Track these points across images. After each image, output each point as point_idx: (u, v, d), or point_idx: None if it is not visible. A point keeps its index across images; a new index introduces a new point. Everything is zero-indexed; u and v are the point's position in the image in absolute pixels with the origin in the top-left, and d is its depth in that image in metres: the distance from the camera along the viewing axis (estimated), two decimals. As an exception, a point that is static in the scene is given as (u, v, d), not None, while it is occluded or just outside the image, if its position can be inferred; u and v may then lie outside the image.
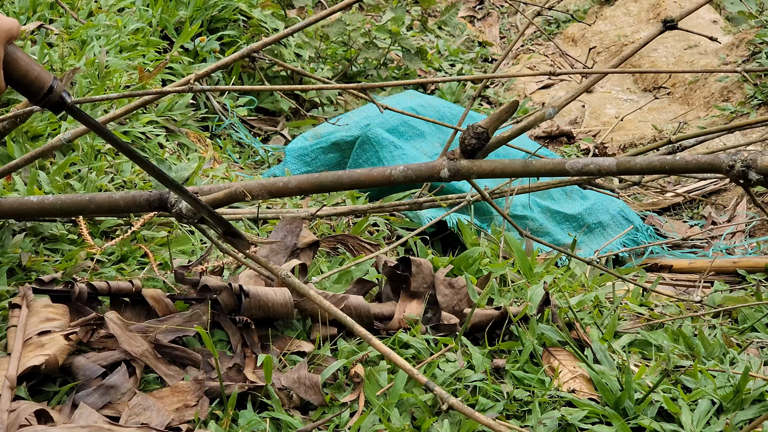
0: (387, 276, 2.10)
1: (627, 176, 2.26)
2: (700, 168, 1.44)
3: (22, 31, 3.30)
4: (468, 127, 1.56)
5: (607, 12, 6.62)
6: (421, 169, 1.61)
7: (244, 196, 1.61)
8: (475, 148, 1.56)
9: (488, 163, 1.58)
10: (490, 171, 1.57)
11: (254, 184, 1.69)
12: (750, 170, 1.38)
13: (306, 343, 1.87)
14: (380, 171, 1.63)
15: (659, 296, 2.74)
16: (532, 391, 1.79)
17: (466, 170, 1.58)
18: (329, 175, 1.65)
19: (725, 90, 5.07)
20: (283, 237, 2.13)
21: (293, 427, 1.61)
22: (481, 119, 1.64)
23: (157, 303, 1.86)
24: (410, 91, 4.38)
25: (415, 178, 1.62)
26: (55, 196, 1.79)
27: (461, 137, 1.57)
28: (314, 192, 1.73)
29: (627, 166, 1.49)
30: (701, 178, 4.45)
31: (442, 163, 1.59)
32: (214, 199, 1.63)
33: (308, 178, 1.66)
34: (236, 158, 3.72)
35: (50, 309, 1.76)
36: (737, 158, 1.40)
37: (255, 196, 1.72)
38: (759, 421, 1.37)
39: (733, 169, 1.40)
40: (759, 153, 1.40)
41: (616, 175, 1.52)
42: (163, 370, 1.69)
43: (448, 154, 1.59)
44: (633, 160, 1.50)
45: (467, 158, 1.58)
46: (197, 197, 1.63)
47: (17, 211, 1.81)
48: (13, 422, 1.42)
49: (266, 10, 4.52)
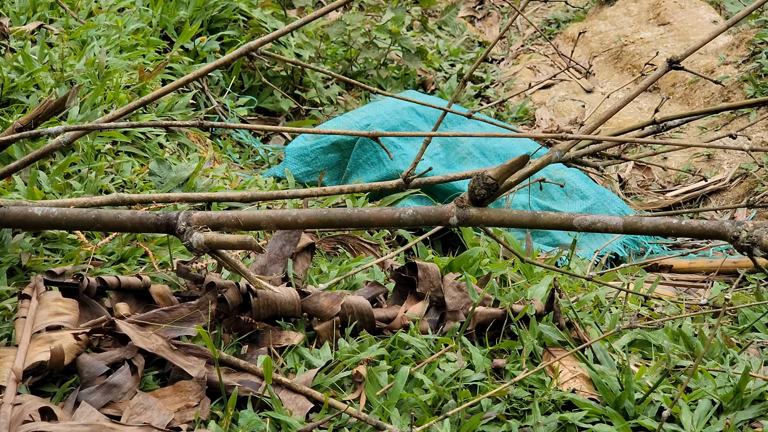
0: (394, 280, 2.11)
1: (611, 154, 2.34)
2: (705, 234, 1.51)
3: (22, 31, 3.30)
4: (478, 177, 1.58)
5: (607, 12, 6.62)
6: (430, 213, 1.64)
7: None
8: (484, 198, 1.58)
9: (497, 213, 1.61)
10: (498, 221, 1.61)
11: (263, 216, 1.70)
12: (755, 247, 1.43)
13: (294, 333, 1.88)
14: (389, 213, 1.66)
15: (659, 296, 2.74)
16: (532, 391, 1.79)
17: (475, 219, 1.62)
18: (338, 212, 1.67)
19: (725, 90, 5.07)
20: (281, 247, 2.13)
21: (293, 427, 1.61)
22: (479, 118, 1.64)
23: (163, 300, 1.87)
24: (410, 92, 4.38)
25: (423, 222, 1.66)
26: (60, 210, 1.79)
27: (470, 186, 1.59)
28: (322, 228, 1.77)
29: (633, 226, 1.55)
30: (703, 178, 4.45)
31: (451, 210, 1.62)
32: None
33: (317, 214, 1.68)
34: (236, 158, 3.72)
35: (60, 303, 1.76)
36: (741, 228, 1.45)
37: (263, 228, 1.74)
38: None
39: (738, 239, 1.46)
40: (764, 230, 1.43)
41: (623, 234, 1.57)
42: (182, 362, 1.68)
43: (456, 201, 1.62)
44: (640, 221, 1.56)
45: (476, 206, 1.60)
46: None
47: (21, 222, 1.82)
48: (17, 417, 1.42)
49: (266, 10, 4.52)
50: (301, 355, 1.86)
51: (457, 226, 1.65)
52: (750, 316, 2.37)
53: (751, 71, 5.03)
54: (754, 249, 1.44)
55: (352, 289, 2.22)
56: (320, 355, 1.85)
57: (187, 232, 1.67)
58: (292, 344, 1.86)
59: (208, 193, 2.50)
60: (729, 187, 4.31)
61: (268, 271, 2.08)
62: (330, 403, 1.66)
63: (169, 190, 2.75)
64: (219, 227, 1.73)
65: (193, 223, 1.69)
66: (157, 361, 1.75)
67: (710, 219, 4.17)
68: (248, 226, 1.72)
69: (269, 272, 2.08)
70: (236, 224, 1.70)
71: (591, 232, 1.59)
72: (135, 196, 2.27)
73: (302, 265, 2.17)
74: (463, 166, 3.68)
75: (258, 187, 3.06)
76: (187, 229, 1.67)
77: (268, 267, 2.09)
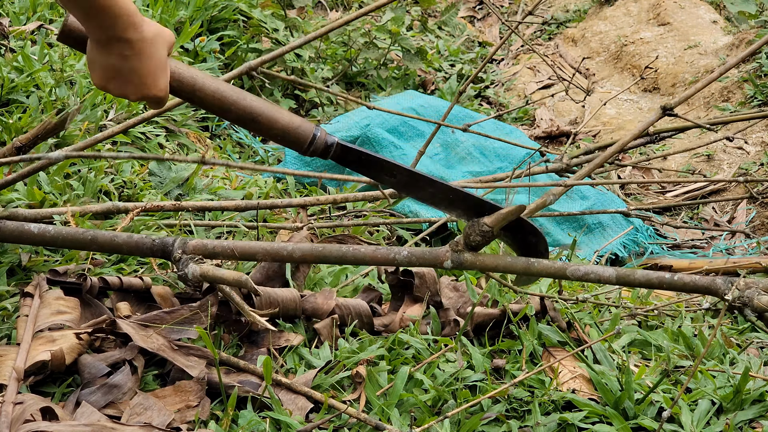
0: (390, 284, 2.11)
1: (607, 162, 2.36)
2: (697, 289, 1.52)
3: (22, 31, 3.30)
4: (473, 224, 1.58)
5: (607, 12, 6.62)
6: (425, 256, 1.64)
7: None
8: (479, 245, 1.59)
9: (491, 259, 1.61)
10: (492, 267, 1.62)
11: (258, 248, 1.69)
12: (746, 307, 1.44)
13: (293, 334, 1.88)
14: (384, 254, 1.66)
15: (659, 296, 2.74)
16: (532, 392, 1.79)
17: (470, 264, 1.61)
18: (333, 249, 1.67)
19: (725, 90, 5.07)
20: (280, 264, 2.13)
21: (293, 428, 1.61)
22: (479, 117, 1.64)
23: (164, 301, 1.88)
24: (410, 92, 4.38)
25: (418, 264, 1.65)
26: (56, 229, 1.80)
27: (465, 232, 1.59)
28: (317, 263, 1.76)
29: (626, 279, 1.56)
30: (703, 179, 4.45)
31: (446, 255, 1.62)
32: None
33: (312, 250, 1.67)
34: (236, 158, 3.72)
35: (62, 302, 1.76)
36: (733, 288, 1.45)
37: (259, 259, 1.73)
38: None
39: (729, 297, 1.45)
40: (756, 290, 1.43)
41: (615, 284, 1.59)
42: (183, 362, 1.68)
43: (451, 245, 1.62)
44: (633, 274, 1.56)
45: (470, 251, 1.60)
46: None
47: (17, 238, 1.83)
48: (18, 417, 1.42)
49: (266, 11, 4.52)
50: (300, 355, 1.86)
51: (451, 269, 1.66)
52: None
53: (751, 71, 5.03)
54: (745, 310, 1.44)
55: (353, 292, 2.22)
56: (320, 356, 1.85)
57: (182, 262, 1.66)
58: (292, 345, 1.87)
59: (202, 202, 2.50)
60: (729, 188, 4.31)
61: (266, 287, 2.09)
62: (330, 403, 1.66)
63: (169, 191, 2.75)
64: (215, 257, 1.72)
65: (188, 252, 1.68)
66: (157, 361, 1.75)
67: (710, 218, 4.17)
68: (244, 257, 1.71)
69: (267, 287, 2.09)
70: (232, 254, 1.70)
71: (584, 281, 1.59)
72: (130, 205, 2.28)
73: (303, 272, 2.17)
74: (462, 166, 3.69)
75: (258, 187, 3.06)
76: (182, 257, 1.66)
77: (266, 285, 2.09)
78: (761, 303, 1.41)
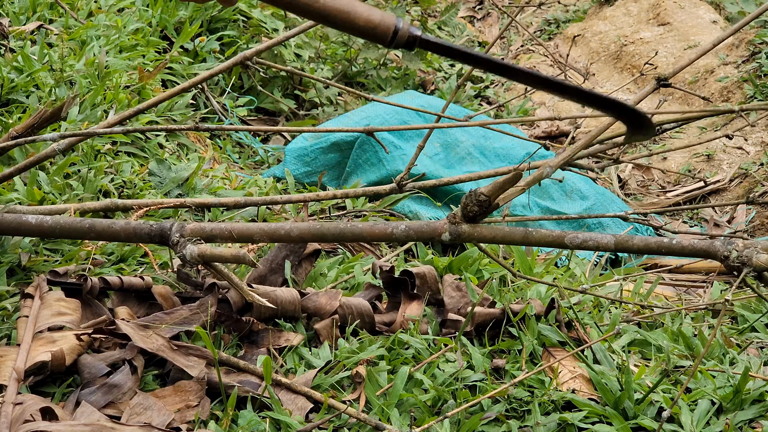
0: (383, 281, 2.11)
1: (607, 156, 2.36)
2: (696, 253, 1.52)
3: (22, 31, 3.30)
4: (471, 194, 1.58)
5: (607, 12, 6.62)
6: (422, 229, 1.65)
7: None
8: (476, 215, 1.58)
9: (489, 230, 1.62)
10: (490, 238, 1.62)
11: (256, 229, 1.70)
12: (745, 266, 1.43)
13: (293, 334, 1.88)
14: (382, 228, 1.67)
15: (658, 296, 2.74)
16: (531, 392, 1.79)
17: (467, 235, 1.62)
18: (331, 226, 1.68)
19: (725, 90, 5.07)
20: (285, 256, 2.13)
21: (293, 428, 1.61)
22: (480, 119, 1.64)
23: (165, 300, 1.88)
24: (410, 92, 4.38)
25: (416, 238, 1.66)
26: (54, 219, 1.79)
27: (463, 202, 1.59)
28: (315, 241, 1.77)
29: (624, 245, 1.57)
30: (702, 180, 4.45)
31: (444, 227, 1.62)
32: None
33: (310, 228, 1.68)
34: (236, 158, 3.72)
35: (63, 303, 1.76)
36: (732, 248, 1.46)
37: (257, 241, 1.74)
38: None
39: (728, 259, 1.47)
40: (754, 249, 1.43)
41: (614, 251, 1.59)
42: (183, 362, 1.68)
43: (449, 217, 1.62)
44: (631, 239, 1.57)
45: (468, 222, 1.61)
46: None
47: (15, 230, 1.82)
48: (18, 417, 1.42)
49: (266, 11, 4.52)
50: (300, 355, 1.86)
51: (450, 242, 1.65)
52: (749, 316, 2.37)
53: (750, 71, 5.03)
54: (744, 269, 1.44)
55: (353, 290, 2.22)
56: (320, 356, 1.85)
57: (180, 244, 1.66)
58: (292, 345, 1.86)
59: (201, 199, 2.50)
60: (729, 187, 4.31)
61: (267, 281, 2.08)
62: (329, 403, 1.66)
63: (169, 191, 2.75)
64: (212, 239, 1.72)
65: (186, 235, 1.68)
66: (157, 361, 1.75)
67: (710, 219, 4.17)
68: (241, 239, 1.72)
69: (269, 282, 2.08)
70: (230, 237, 1.70)
71: (582, 249, 1.59)
72: (129, 202, 2.27)
73: (305, 268, 2.17)
74: (462, 166, 3.68)
75: (258, 187, 3.06)
76: (180, 240, 1.67)
77: (268, 277, 2.09)
78: (760, 261, 1.41)
